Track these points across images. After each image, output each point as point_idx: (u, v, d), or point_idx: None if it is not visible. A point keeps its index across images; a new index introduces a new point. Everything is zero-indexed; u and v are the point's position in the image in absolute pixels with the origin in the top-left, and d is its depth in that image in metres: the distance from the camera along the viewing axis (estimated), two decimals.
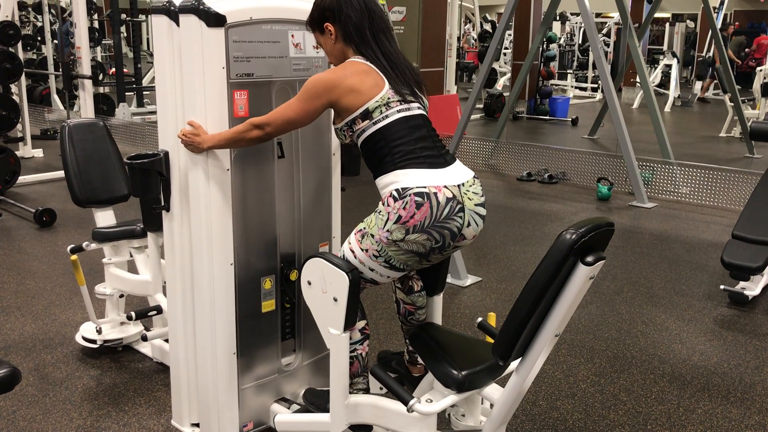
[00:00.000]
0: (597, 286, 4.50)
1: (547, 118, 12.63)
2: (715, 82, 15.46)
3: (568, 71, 16.94)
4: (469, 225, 2.20)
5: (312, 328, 2.59)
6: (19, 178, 6.72)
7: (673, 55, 15.06)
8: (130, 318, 3.18)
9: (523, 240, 5.55)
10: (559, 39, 16.15)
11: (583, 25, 14.50)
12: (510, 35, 14.52)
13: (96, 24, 13.76)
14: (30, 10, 14.19)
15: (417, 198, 2.12)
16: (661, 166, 7.25)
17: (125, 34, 15.32)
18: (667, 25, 18.16)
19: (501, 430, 2.20)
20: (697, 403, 3.15)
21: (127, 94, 11.07)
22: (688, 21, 17.36)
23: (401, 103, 2.24)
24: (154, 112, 10.68)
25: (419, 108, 2.30)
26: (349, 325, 2.23)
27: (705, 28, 16.36)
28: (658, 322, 4.00)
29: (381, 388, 2.45)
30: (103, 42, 15.31)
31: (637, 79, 11.39)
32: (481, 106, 12.58)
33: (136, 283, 3.39)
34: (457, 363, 2.16)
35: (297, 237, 2.68)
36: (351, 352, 2.31)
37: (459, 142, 8.16)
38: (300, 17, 2.50)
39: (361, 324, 2.34)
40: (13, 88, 7.49)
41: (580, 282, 1.87)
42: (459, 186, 2.19)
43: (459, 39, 15.47)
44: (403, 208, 2.12)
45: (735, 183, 6.70)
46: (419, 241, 2.14)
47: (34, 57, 13.33)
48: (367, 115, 2.22)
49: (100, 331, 3.44)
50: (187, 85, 2.34)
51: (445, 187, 2.15)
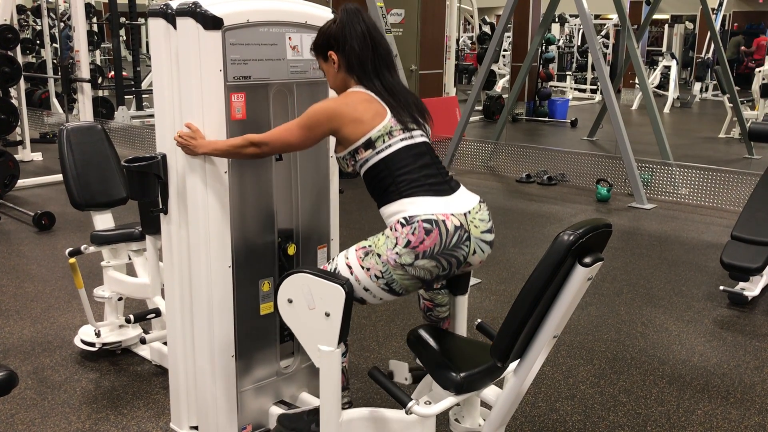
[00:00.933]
0: (596, 287, 4.49)
1: (546, 119, 12.64)
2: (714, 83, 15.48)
3: (567, 73, 16.95)
4: (474, 253, 2.20)
5: None
6: (18, 181, 6.72)
7: (672, 56, 15.07)
8: (128, 321, 3.19)
9: (522, 242, 5.55)
10: (558, 41, 16.17)
11: (581, 26, 14.51)
12: (509, 37, 14.53)
13: (95, 27, 13.78)
14: (29, 13, 14.22)
15: (426, 224, 2.10)
16: (661, 167, 7.25)
17: (124, 38, 15.33)
18: (665, 26, 18.15)
19: None
20: (697, 404, 3.15)
21: (126, 97, 11.07)
22: (687, 22, 17.36)
23: (404, 132, 2.24)
24: (152, 116, 10.64)
25: (422, 135, 2.29)
26: (342, 339, 2.15)
27: (704, 30, 16.37)
28: (658, 323, 4.00)
29: (406, 379, 2.43)
30: (102, 45, 15.33)
31: (636, 81, 11.40)
32: (480, 107, 12.59)
33: (135, 286, 3.39)
34: (456, 365, 2.16)
35: (295, 240, 2.67)
36: None
37: (458, 143, 8.18)
38: (297, 20, 2.50)
39: None
40: (12, 92, 7.51)
41: (578, 283, 1.87)
42: (465, 214, 2.18)
43: (457, 42, 15.48)
44: (412, 233, 2.10)
45: (734, 184, 6.70)
46: (427, 267, 2.12)
47: (33, 61, 13.34)
48: (369, 144, 2.21)
49: (98, 334, 3.43)
50: (185, 87, 2.34)
51: (452, 215, 2.14)
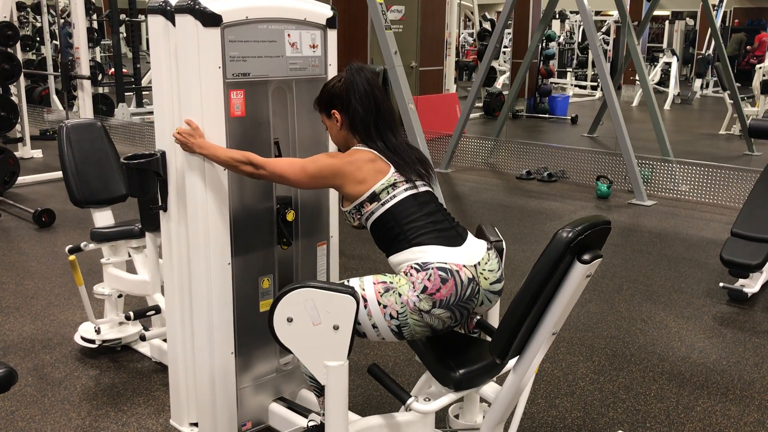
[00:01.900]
0: (596, 283, 4.49)
1: (547, 116, 12.63)
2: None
3: (568, 69, 16.93)
4: (482, 304, 2.20)
5: None
6: (18, 178, 6.72)
7: (673, 53, 15.06)
8: (128, 318, 3.18)
9: (522, 238, 5.55)
10: (559, 37, 16.14)
11: (582, 23, 14.51)
12: (509, 34, 14.51)
13: (95, 24, 13.76)
14: (29, 10, 14.20)
15: (441, 273, 2.09)
16: (661, 164, 7.25)
17: (124, 35, 15.31)
18: (666, 22, 18.15)
19: (499, 429, 2.19)
20: (696, 400, 3.15)
21: (126, 94, 11.07)
22: (688, 19, 17.35)
23: (407, 183, 2.24)
24: (152, 113, 10.67)
25: (425, 185, 2.29)
26: (350, 350, 2.07)
27: (704, 26, 16.35)
28: (658, 320, 4.00)
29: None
30: (102, 42, 15.32)
31: (637, 77, 11.40)
32: (480, 104, 12.58)
33: (135, 283, 3.39)
34: (455, 362, 2.16)
35: (294, 236, 2.67)
36: None
37: (458, 140, 8.17)
38: (296, 17, 2.50)
39: None
40: (12, 89, 7.50)
41: (577, 280, 1.87)
42: (475, 266, 2.17)
43: (457, 38, 15.45)
44: (428, 279, 2.08)
45: (734, 180, 6.69)
46: (442, 317, 2.11)
47: (33, 58, 13.33)
48: (374, 197, 2.21)
49: (98, 331, 3.44)
50: (184, 84, 2.34)
51: (464, 266, 2.13)
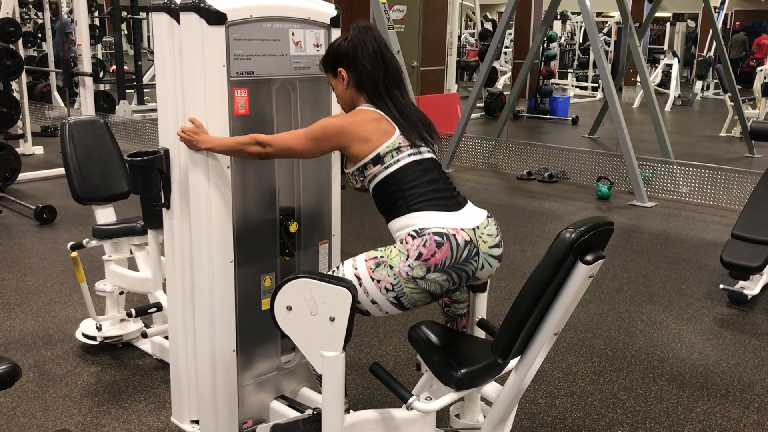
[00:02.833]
0: (597, 285, 4.50)
1: (548, 117, 12.64)
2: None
3: (569, 70, 16.93)
4: (483, 268, 2.20)
5: None
6: (20, 175, 6.72)
7: (674, 54, 15.06)
8: (130, 315, 3.19)
9: (522, 239, 5.56)
10: (560, 38, 16.14)
11: (583, 24, 14.50)
12: (511, 34, 14.51)
13: (97, 21, 13.77)
14: (31, 7, 14.19)
15: (437, 237, 2.10)
16: (661, 165, 7.26)
17: (126, 32, 15.32)
18: (667, 24, 18.14)
19: (500, 428, 2.20)
20: (696, 402, 3.16)
21: (127, 91, 11.06)
22: (689, 20, 17.35)
23: (411, 148, 2.24)
24: (154, 110, 10.68)
25: (429, 152, 2.30)
26: (347, 342, 2.13)
27: (706, 28, 16.35)
28: (658, 321, 4.01)
29: (419, 366, 2.40)
30: (103, 39, 15.31)
31: (638, 79, 11.40)
32: (481, 104, 12.58)
33: (137, 280, 3.40)
34: (456, 361, 2.17)
35: (297, 235, 2.68)
36: None
37: (459, 140, 8.18)
38: (300, 15, 2.50)
39: None
40: (14, 85, 7.50)
41: (580, 281, 1.88)
42: (474, 229, 2.18)
43: (459, 38, 15.46)
44: (423, 246, 2.09)
45: (735, 183, 6.70)
46: (438, 281, 2.12)
47: (35, 54, 13.33)
48: (378, 160, 2.21)
49: (100, 328, 3.44)
50: (188, 82, 2.34)
51: (462, 229, 2.14)
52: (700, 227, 6.01)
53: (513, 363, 2.13)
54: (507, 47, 16.01)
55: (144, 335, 3.22)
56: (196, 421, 2.69)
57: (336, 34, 2.64)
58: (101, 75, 11.58)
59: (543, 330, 1.97)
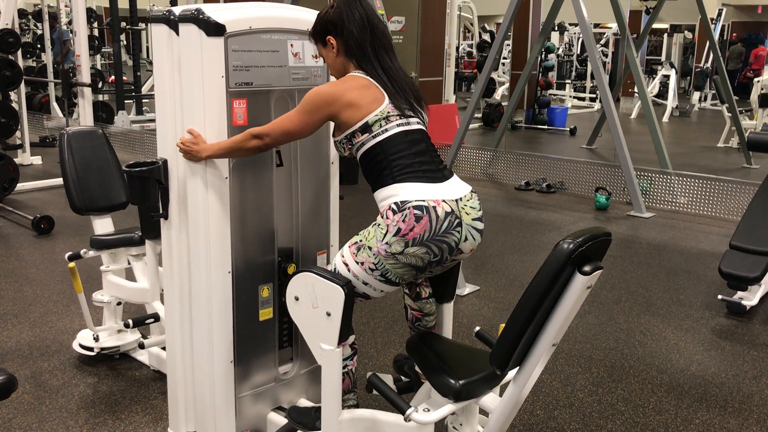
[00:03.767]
0: (595, 295, 4.50)
1: (546, 127, 12.66)
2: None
3: (567, 81, 16.99)
4: (466, 239, 2.21)
5: None
6: (18, 185, 6.72)
7: (671, 65, 15.11)
8: (127, 326, 3.18)
9: (521, 249, 5.56)
10: (558, 49, 16.21)
11: (581, 35, 14.56)
12: (509, 45, 14.56)
13: (96, 32, 13.80)
14: (30, 17, 14.24)
15: (416, 211, 2.12)
16: (659, 176, 7.27)
17: (125, 43, 15.36)
18: (665, 35, 18.21)
19: None
20: (695, 413, 3.15)
21: (126, 101, 11.08)
22: (686, 32, 17.42)
23: (400, 117, 2.25)
24: (152, 120, 10.69)
25: (418, 123, 2.31)
26: (342, 339, 2.19)
27: (703, 39, 16.42)
28: (656, 332, 4.00)
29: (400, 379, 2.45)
30: (102, 50, 15.35)
31: (636, 90, 11.43)
32: (479, 115, 12.61)
33: (134, 291, 3.39)
34: (455, 372, 2.16)
35: (295, 245, 2.68)
36: (342, 368, 2.28)
37: (457, 151, 8.18)
38: (299, 27, 2.51)
39: (350, 339, 2.32)
40: (13, 96, 7.51)
41: (578, 291, 1.88)
42: (457, 201, 2.20)
43: (457, 49, 15.50)
44: (403, 221, 2.12)
45: (733, 193, 6.71)
46: (418, 254, 2.14)
47: (34, 65, 13.35)
48: (366, 128, 2.22)
49: (97, 339, 3.43)
50: (187, 93, 2.35)
51: (443, 201, 2.16)
52: (699, 238, 6.01)
53: (511, 374, 2.13)
54: (505, 58, 16.06)
55: (141, 346, 3.21)
56: None
57: None
58: (100, 85, 11.60)
59: (541, 341, 1.97)
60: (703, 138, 12.11)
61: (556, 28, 15.54)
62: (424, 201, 2.14)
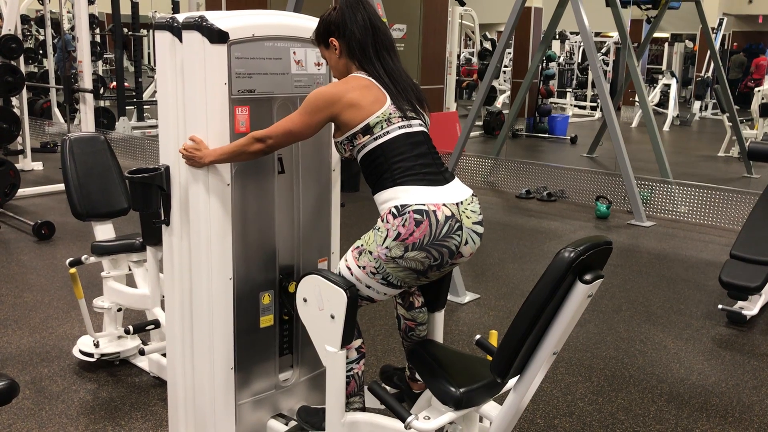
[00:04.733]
0: (595, 304, 4.49)
1: (546, 136, 12.68)
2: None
3: (568, 90, 17.01)
4: (466, 243, 2.21)
5: (310, 344, 2.58)
6: (19, 190, 6.72)
7: (672, 74, 15.14)
8: (127, 332, 3.18)
9: (521, 257, 5.56)
10: (559, 58, 16.23)
11: (582, 44, 14.58)
12: (510, 53, 14.59)
13: (98, 38, 13.83)
14: (32, 23, 14.27)
15: (416, 215, 2.12)
16: (660, 185, 7.28)
17: (127, 47, 15.38)
18: (666, 45, 18.25)
19: None
20: (695, 422, 3.14)
21: (127, 108, 11.10)
22: (687, 41, 17.46)
23: (402, 119, 2.26)
24: (154, 126, 10.72)
25: (420, 125, 2.31)
26: (346, 342, 2.22)
27: (704, 49, 16.46)
28: (657, 341, 4.00)
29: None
30: (104, 56, 15.38)
31: (636, 99, 11.45)
32: (480, 123, 12.63)
33: (135, 297, 3.39)
34: (455, 380, 2.16)
35: (296, 252, 2.68)
36: (348, 371, 2.30)
37: (458, 159, 8.19)
38: (302, 34, 2.52)
39: (357, 343, 2.32)
40: (14, 101, 7.52)
41: (579, 300, 1.88)
42: (458, 204, 2.20)
43: (458, 57, 15.53)
44: (403, 225, 2.12)
45: (733, 203, 6.71)
46: (418, 258, 2.14)
47: (36, 70, 13.38)
48: (367, 130, 2.23)
49: (97, 345, 3.43)
50: (189, 100, 2.36)
51: (444, 205, 2.16)
52: (699, 247, 6.01)
53: (512, 382, 2.12)
54: (506, 66, 16.09)
55: (141, 352, 3.21)
56: None
57: None
58: (102, 91, 11.62)
59: (542, 349, 1.97)
60: (703, 147, 12.13)
61: (557, 37, 15.57)
62: (424, 205, 2.14)
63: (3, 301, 4.33)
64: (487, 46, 16.75)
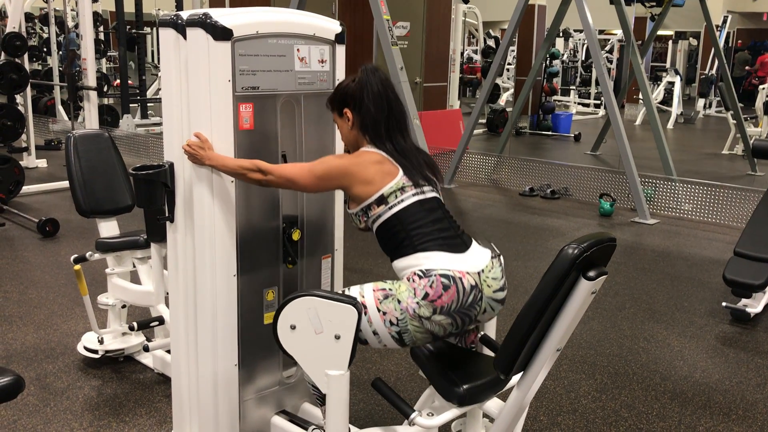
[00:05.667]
0: (599, 301, 4.49)
1: (550, 133, 12.66)
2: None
3: (571, 87, 16.99)
4: (485, 312, 2.20)
5: None
6: (23, 188, 6.74)
7: (676, 72, 15.11)
8: (132, 328, 3.19)
9: (525, 255, 5.56)
10: (562, 55, 16.22)
11: (586, 41, 14.57)
12: (513, 51, 14.58)
13: (101, 36, 13.84)
14: (36, 21, 14.29)
15: (443, 279, 2.10)
16: (664, 182, 7.27)
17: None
18: (670, 42, 18.23)
19: None
20: (699, 420, 3.14)
21: (131, 105, 11.11)
22: (691, 39, 17.44)
23: (415, 187, 2.25)
24: (157, 124, 10.72)
25: (432, 191, 2.31)
26: (352, 360, 2.11)
27: (708, 46, 16.42)
28: (660, 339, 4.00)
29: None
30: (108, 54, 15.40)
31: (640, 96, 11.43)
32: (483, 121, 12.62)
33: (139, 294, 3.40)
34: (459, 377, 2.17)
35: (300, 249, 2.68)
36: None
37: (461, 156, 8.20)
38: (305, 32, 2.52)
39: None
40: (19, 99, 7.54)
41: (582, 297, 1.88)
42: (479, 273, 2.18)
43: (462, 54, 15.51)
44: (430, 286, 2.09)
45: (737, 200, 6.70)
46: (443, 323, 2.12)
47: (40, 68, 13.40)
48: (382, 200, 2.23)
49: (101, 342, 3.44)
50: (193, 97, 2.36)
51: (467, 273, 2.14)
52: (703, 245, 6.01)
53: (515, 379, 2.13)
54: (510, 64, 16.08)
55: (146, 349, 3.22)
56: None
57: (340, 51, 2.66)
58: (105, 89, 11.63)
59: (545, 346, 1.97)
60: (707, 145, 12.10)
61: (561, 35, 15.55)
62: (449, 271, 2.12)
63: (8, 297, 4.35)
64: (490, 43, 16.75)
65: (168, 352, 3.20)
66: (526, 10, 7.80)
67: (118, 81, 11.99)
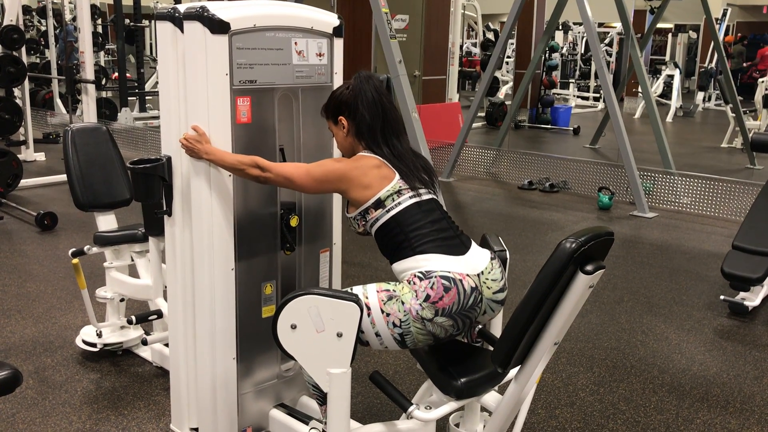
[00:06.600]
0: (597, 295, 4.50)
1: (549, 127, 12.65)
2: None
3: (571, 80, 16.97)
4: (485, 313, 2.20)
5: None
6: (21, 181, 6.73)
7: (676, 65, 15.09)
8: (130, 322, 3.19)
9: (523, 248, 5.56)
10: (562, 48, 16.19)
11: (585, 34, 14.54)
12: (512, 44, 14.55)
13: (99, 29, 13.81)
14: (34, 14, 14.25)
15: (444, 281, 2.10)
16: (663, 176, 7.27)
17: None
18: (669, 35, 18.19)
19: None
20: (696, 413, 3.15)
21: (129, 98, 11.09)
22: (691, 32, 17.40)
23: (412, 190, 2.26)
24: (155, 117, 10.70)
25: (429, 193, 2.31)
26: (353, 358, 2.10)
27: (707, 39, 16.40)
28: (658, 332, 4.01)
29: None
30: (106, 47, 15.36)
31: (639, 89, 11.42)
32: (483, 114, 12.60)
33: (137, 287, 3.40)
34: (456, 370, 2.17)
35: (297, 242, 2.68)
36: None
37: (460, 149, 8.19)
38: (303, 25, 2.52)
39: None
40: (17, 92, 7.52)
41: (580, 291, 1.88)
42: (479, 275, 2.18)
43: (461, 48, 15.49)
44: (431, 288, 2.09)
45: (736, 194, 6.71)
46: (445, 325, 2.12)
47: (38, 61, 13.37)
48: (379, 204, 2.23)
49: (100, 335, 3.44)
50: (191, 90, 2.36)
51: (467, 275, 2.15)
52: (701, 238, 6.01)
53: (513, 372, 2.13)
54: (509, 57, 16.05)
55: (144, 342, 3.22)
56: (196, 429, 2.69)
57: (338, 44, 2.66)
58: (103, 82, 11.60)
59: (543, 340, 1.97)
60: (706, 138, 12.10)
61: (560, 28, 15.52)
62: (449, 272, 2.12)
63: (6, 291, 4.35)
64: (489, 36, 16.72)
65: (166, 345, 3.21)
66: (525, 2, 7.77)
67: (117, 74, 11.98)
